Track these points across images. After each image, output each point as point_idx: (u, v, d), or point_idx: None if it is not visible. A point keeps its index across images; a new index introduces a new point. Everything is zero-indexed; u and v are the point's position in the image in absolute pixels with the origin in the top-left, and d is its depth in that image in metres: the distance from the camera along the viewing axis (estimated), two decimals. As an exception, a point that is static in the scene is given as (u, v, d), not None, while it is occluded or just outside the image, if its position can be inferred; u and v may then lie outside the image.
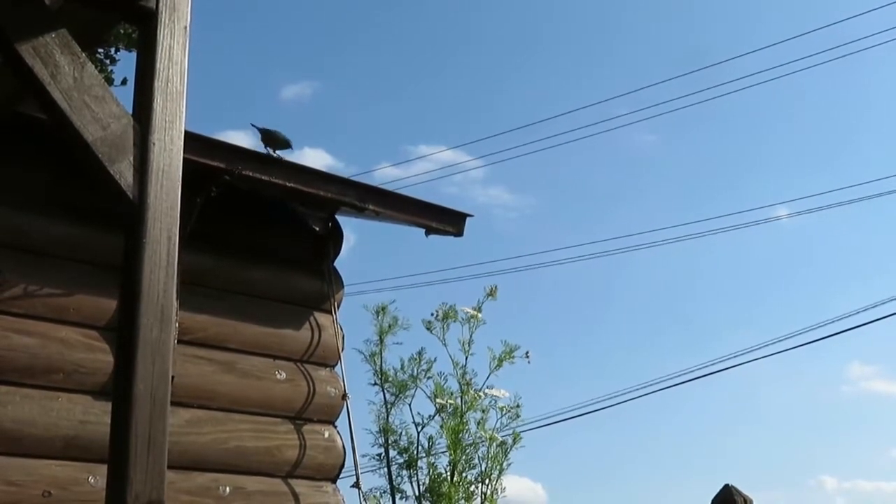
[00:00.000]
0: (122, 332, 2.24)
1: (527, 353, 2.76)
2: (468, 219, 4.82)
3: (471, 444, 2.66)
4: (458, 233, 4.77)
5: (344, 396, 4.43)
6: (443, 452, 2.67)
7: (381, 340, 2.87)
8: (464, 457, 2.62)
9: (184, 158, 2.39)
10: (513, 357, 2.72)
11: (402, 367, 2.78)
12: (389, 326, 2.88)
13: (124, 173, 2.24)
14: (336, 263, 4.70)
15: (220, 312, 4.19)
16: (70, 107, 2.19)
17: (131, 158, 2.26)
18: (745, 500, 3.74)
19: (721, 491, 3.82)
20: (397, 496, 2.71)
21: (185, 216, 2.45)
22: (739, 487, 3.85)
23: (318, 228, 4.53)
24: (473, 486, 2.64)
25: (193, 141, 3.27)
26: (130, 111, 2.36)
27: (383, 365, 2.86)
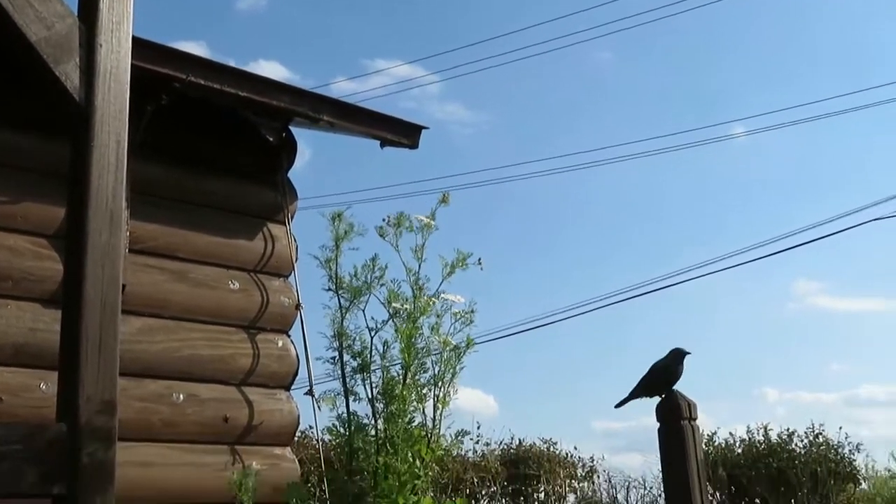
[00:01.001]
0: (71, 237, 2.22)
1: (479, 259, 2.79)
2: (424, 132, 4.80)
3: (424, 349, 2.70)
4: (413, 145, 4.75)
5: (297, 306, 4.45)
6: (397, 362, 2.71)
7: (337, 246, 2.87)
8: (417, 361, 2.67)
9: (133, 65, 2.34)
10: (465, 264, 2.74)
11: (356, 274, 2.79)
12: (345, 232, 2.88)
13: (70, 75, 2.18)
14: (290, 175, 4.67)
15: (172, 222, 4.16)
16: (11, 4, 2.12)
17: (77, 60, 2.20)
18: (689, 405, 3.87)
19: (667, 396, 3.94)
20: (351, 398, 2.76)
21: (135, 122, 2.42)
22: (685, 394, 3.97)
23: (271, 139, 4.48)
24: (426, 390, 2.69)
25: (143, 47, 3.21)
26: (76, 12, 2.30)
27: (338, 271, 2.87)
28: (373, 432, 2.79)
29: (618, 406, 4.34)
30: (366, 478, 2.78)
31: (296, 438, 5.08)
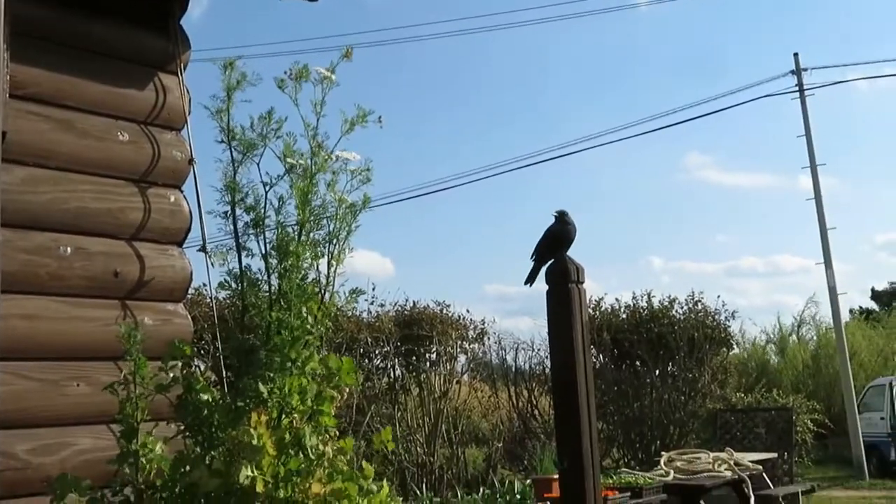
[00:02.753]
0: (-55, 76, 2.10)
1: (379, 118, 2.74)
2: (325, -15, 4.63)
3: (320, 206, 2.67)
4: (313, -3, 4.59)
5: (190, 161, 4.35)
6: (292, 217, 2.68)
7: (229, 97, 2.76)
8: (312, 218, 2.64)
9: None
10: (365, 121, 2.69)
11: (252, 126, 2.71)
12: (237, 82, 2.77)
13: None
14: (185, 24, 4.48)
15: (57, 67, 3.96)
16: None
17: None
18: (577, 269, 3.98)
19: (556, 260, 4.04)
20: (243, 254, 2.73)
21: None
22: (574, 259, 4.08)
23: (162, -17, 4.26)
24: (321, 247, 2.68)
25: None
26: None
27: (231, 122, 2.78)
28: (266, 288, 2.79)
29: (528, 283, 4.40)
30: (259, 333, 2.79)
31: (190, 296, 5.06)
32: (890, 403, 15.19)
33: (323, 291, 2.79)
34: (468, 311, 16.80)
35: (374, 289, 15.65)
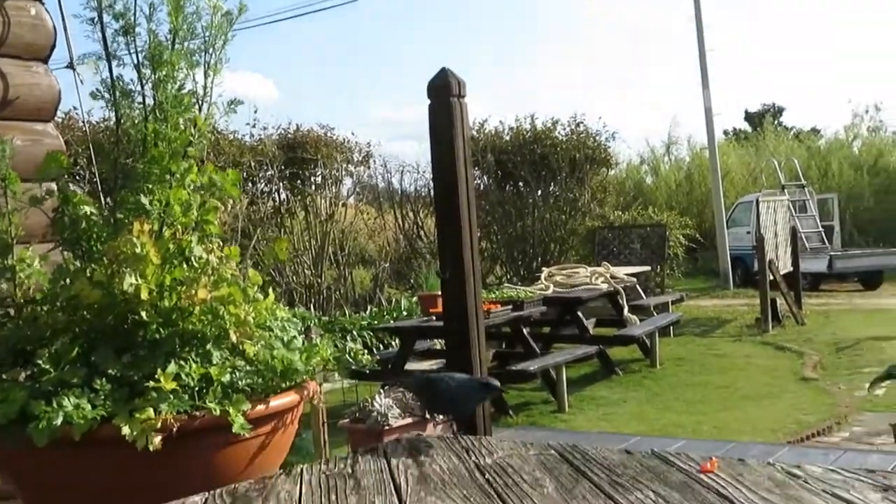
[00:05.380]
0: None
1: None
2: None
3: (194, 13, 2.55)
4: None
5: (51, -30, 4.09)
6: (164, 24, 2.55)
7: None
8: (186, 25, 2.53)
9: None
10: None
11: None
12: None
13: None
14: None
15: None
16: None
17: None
18: (459, 83, 3.98)
19: (438, 74, 4.03)
20: (114, 63, 2.60)
21: None
22: (456, 72, 4.07)
23: None
24: (197, 56, 2.58)
25: None
26: None
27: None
28: (140, 100, 2.71)
29: None
30: (135, 148, 2.72)
31: (61, 119, 4.87)
32: (756, 218, 16.00)
33: (200, 103, 2.73)
34: (353, 133, 16.66)
35: (255, 112, 15.32)
